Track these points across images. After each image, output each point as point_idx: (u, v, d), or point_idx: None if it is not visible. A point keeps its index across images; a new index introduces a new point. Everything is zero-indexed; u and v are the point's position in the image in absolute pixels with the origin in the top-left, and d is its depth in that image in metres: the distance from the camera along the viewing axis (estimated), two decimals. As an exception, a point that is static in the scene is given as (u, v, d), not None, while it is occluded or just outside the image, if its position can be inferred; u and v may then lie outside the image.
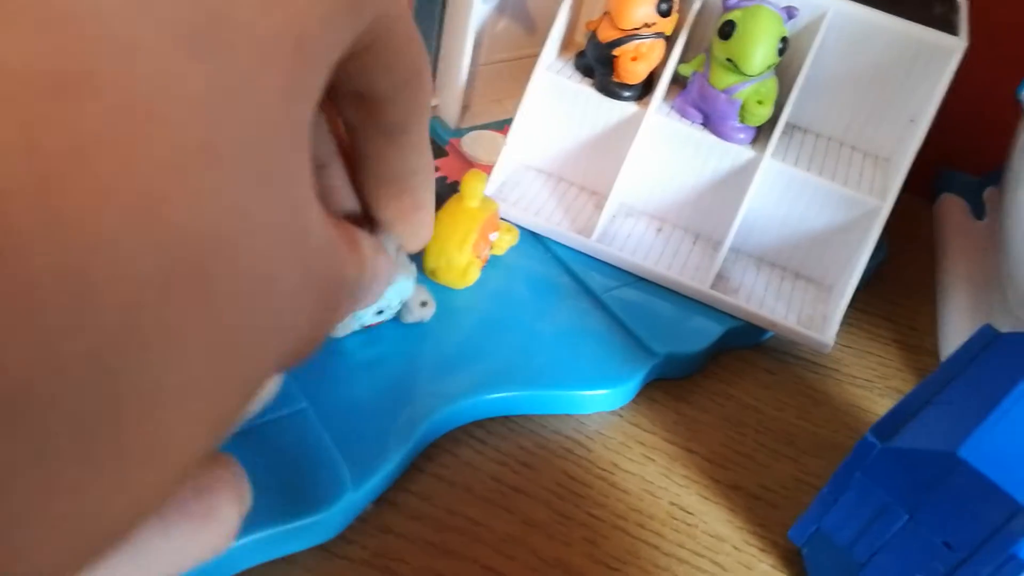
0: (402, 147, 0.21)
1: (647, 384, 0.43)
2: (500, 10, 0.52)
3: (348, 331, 0.39)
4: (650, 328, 0.43)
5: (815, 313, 0.47)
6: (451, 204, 0.42)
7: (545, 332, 0.42)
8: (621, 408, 0.42)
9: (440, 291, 0.42)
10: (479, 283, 0.44)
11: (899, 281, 0.54)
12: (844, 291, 0.45)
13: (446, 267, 0.42)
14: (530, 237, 0.48)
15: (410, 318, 0.40)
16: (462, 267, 0.42)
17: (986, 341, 0.37)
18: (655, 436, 0.41)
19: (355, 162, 0.22)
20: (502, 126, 0.55)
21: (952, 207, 0.58)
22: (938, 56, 0.44)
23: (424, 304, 0.40)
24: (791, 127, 0.49)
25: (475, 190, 0.42)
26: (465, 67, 0.52)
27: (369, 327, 0.40)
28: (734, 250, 0.49)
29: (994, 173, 0.56)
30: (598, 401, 0.41)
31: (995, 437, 0.31)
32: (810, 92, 0.47)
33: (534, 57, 0.48)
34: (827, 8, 0.45)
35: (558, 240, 0.48)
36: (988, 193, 0.57)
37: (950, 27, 0.45)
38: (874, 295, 0.52)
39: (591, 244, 0.47)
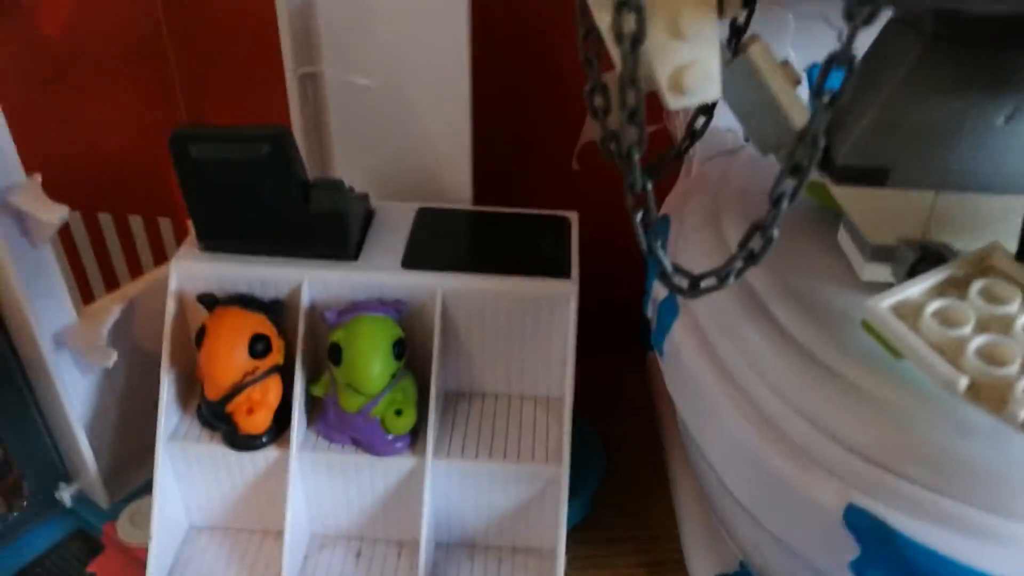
0: None
1: None
2: (101, 384, 0.45)
3: None
4: None
5: (542, 592, 0.43)
6: None
7: None
8: None
9: None
10: None
11: (632, 479, 0.51)
12: (558, 560, 0.42)
13: None
14: (214, 631, 0.42)
15: None
16: None
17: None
18: None
19: None
20: (165, 477, 0.49)
21: (657, 370, 0.56)
22: (558, 300, 0.41)
23: None
24: (455, 395, 0.45)
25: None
26: (85, 447, 0.45)
27: None
28: (442, 547, 0.44)
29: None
30: None
31: None
32: (458, 362, 0.44)
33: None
34: (435, 286, 0.42)
35: (245, 624, 0.42)
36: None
37: (559, 263, 0.42)
38: (608, 508, 0.49)
39: (281, 620, 0.41)
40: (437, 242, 0.44)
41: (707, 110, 0.38)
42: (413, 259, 0.43)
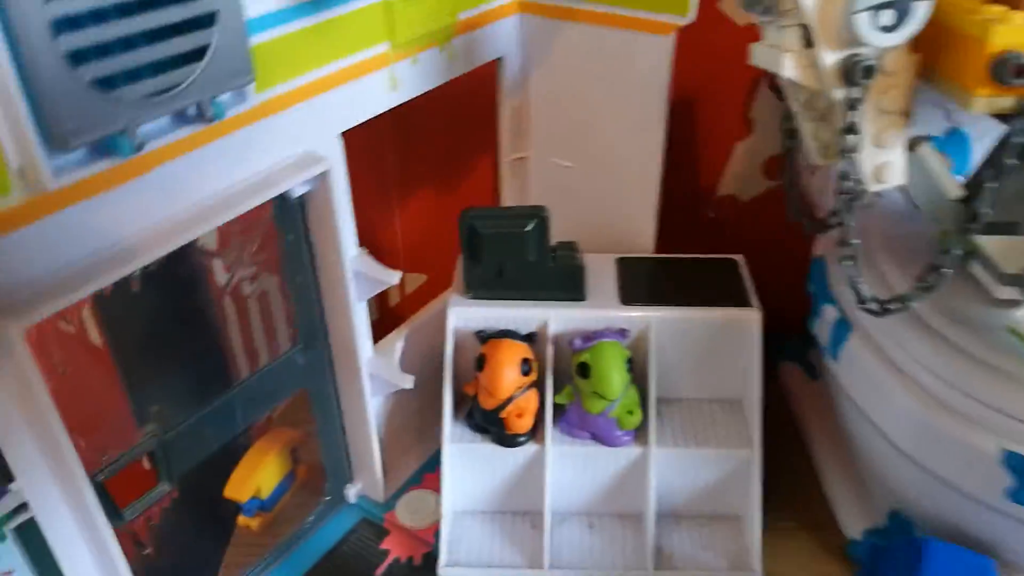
0: None
1: None
2: (393, 397, 0.59)
3: None
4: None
5: (739, 547, 0.56)
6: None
7: None
8: None
9: None
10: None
11: (777, 461, 0.64)
12: (754, 522, 0.55)
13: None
14: (492, 587, 0.55)
15: None
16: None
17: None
18: None
19: None
20: (420, 476, 0.63)
21: (791, 376, 0.70)
22: (745, 325, 0.55)
23: None
24: (662, 401, 0.58)
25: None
26: (376, 453, 0.59)
27: None
28: (656, 516, 0.58)
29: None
30: None
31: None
32: (665, 375, 0.57)
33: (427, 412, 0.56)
34: (650, 319, 0.55)
35: (516, 578, 0.55)
36: (815, 355, 0.69)
37: (742, 296, 0.56)
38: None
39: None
40: (641, 283, 0.58)
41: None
42: (628, 297, 0.57)
